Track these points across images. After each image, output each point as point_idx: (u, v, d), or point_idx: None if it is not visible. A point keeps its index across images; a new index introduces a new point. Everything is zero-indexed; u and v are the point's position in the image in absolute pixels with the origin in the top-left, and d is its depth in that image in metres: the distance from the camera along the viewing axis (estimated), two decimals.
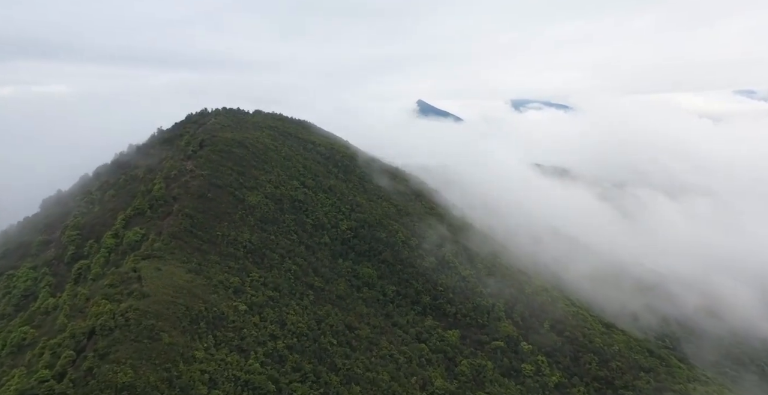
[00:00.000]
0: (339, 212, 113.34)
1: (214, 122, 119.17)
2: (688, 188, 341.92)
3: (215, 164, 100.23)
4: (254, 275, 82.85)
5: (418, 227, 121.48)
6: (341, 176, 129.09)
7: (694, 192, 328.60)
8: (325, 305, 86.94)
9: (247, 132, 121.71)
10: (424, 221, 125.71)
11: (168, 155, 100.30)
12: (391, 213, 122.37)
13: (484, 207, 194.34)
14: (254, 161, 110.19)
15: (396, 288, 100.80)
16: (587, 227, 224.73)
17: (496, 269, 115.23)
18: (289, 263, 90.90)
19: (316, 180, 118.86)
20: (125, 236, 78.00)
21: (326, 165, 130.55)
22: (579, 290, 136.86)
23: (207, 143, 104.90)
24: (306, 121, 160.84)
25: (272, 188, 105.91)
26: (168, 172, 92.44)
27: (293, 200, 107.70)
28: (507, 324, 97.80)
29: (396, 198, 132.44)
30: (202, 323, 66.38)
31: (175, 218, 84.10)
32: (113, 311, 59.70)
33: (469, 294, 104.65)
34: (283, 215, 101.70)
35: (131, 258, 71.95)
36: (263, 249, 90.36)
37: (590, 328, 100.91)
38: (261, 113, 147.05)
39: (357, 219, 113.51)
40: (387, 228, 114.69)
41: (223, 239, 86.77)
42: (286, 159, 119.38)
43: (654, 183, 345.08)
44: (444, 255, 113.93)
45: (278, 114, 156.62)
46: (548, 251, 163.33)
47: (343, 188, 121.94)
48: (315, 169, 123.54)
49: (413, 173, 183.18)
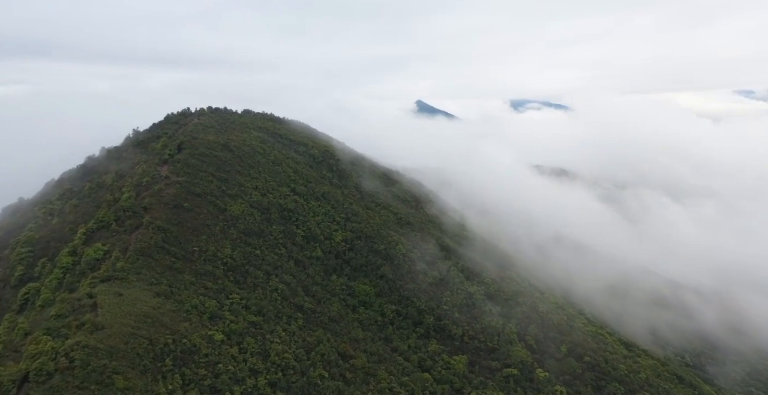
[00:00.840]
0: (333, 222, 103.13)
1: (197, 123, 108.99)
2: (690, 188, 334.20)
3: (194, 170, 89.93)
4: (235, 297, 72.52)
5: (420, 238, 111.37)
6: (336, 181, 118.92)
7: (696, 193, 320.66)
8: (316, 329, 76.68)
9: (232, 134, 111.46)
10: (426, 231, 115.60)
11: (141, 159, 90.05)
12: (390, 222, 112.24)
13: (485, 212, 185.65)
14: (239, 166, 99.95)
15: (396, 308, 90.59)
16: (592, 231, 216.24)
17: (505, 284, 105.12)
18: (275, 281, 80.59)
19: (308, 186, 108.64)
20: (85, 253, 67.64)
21: (320, 170, 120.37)
22: (592, 304, 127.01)
23: (186, 146, 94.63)
24: (299, 121, 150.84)
25: (259, 195, 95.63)
26: (139, 179, 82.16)
27: (282, 209, 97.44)
28: (520, 347, 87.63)
29: (395, 206, 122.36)
30: (167, 359, 56.02)
31: (144, 232, 73.75)
32: (55, 350, 49.27)
33: (477, 313, 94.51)
34: (270, 227, 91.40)
35: (87, 281, 61.59)
36: (246, 266, 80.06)
37: (612, 351, 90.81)
38: (250, 113, 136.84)
39: (353, 230, 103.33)
40: (386, 239, 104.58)
41: (200, 256, 76.45)
42: (275, 163, 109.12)
43: (655, 184, 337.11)
44: (448, 269, 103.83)
45: (269, 114, 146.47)
46: (556, 261, 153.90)
47: (337, 195, 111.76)
48: (307, 174, 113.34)
49: (413, 177, 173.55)
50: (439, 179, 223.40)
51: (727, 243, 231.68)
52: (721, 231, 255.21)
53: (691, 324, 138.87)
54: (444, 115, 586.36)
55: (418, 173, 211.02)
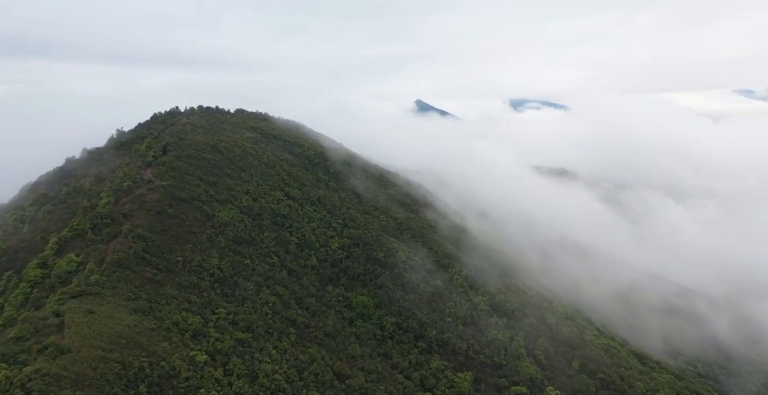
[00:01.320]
0: (329, 228, 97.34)
1: (185, 123, 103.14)
2: (691, 189, 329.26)
3: (180, 173, 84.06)
4: (221, 311, 66.70)
5: (421, 244, 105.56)
6: (333, 184, 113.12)
7: (698, 194, 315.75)
8: (310, 346, 70.87)
9: (223, 134, 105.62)
10: (427, 237, 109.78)
11: (123, 161, 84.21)
12: (389, 228, 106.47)
13: (485, 214, 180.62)
14: (229, 169, 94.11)
15: (396, 320, 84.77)
16: (595, 233, 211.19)
17: (510, 293, 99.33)
18: (266, 293, 74.75)
19: (303, 190, 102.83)
20: (56, 265, 61.81)
21: (315, 172, 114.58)
22: (600, 312, 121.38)
23: (172, 148, 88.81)
24: (294, 121, 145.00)
25: (250, 200, 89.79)
26: (120, 183, 76.29)
27: (275, 214, 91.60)
28: (528, 363, 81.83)
29: (395, 210, 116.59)
30: (142, 385, 50.24)
31: (123, 242, 67.90)
32: (10, 379, 43.46)
33: (482, 326, 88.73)
34: (261, 234, 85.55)
35: (55, 297, 55.74)
36: (235, 277, 74.20)
37: (627, 367, 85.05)
38: (243, 113, 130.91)
39: (350, 236, 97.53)
40: (385, 246, 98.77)
41: (184, 267, 70.58)
42: (268, 166, 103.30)
43: (655, 184, 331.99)
44: (451, 278, 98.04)
45: (263, 114, 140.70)
46: (561, 266, 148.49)
47: (334, 199, 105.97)
48: (302, 177, 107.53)
49: (412, 179, 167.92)
50: (439, 180, 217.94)
51: (732, 246, 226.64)
52: (725, 233, 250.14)
53: (702, 332, 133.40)
54: (443, 114, 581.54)
55: (417, 174, 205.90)
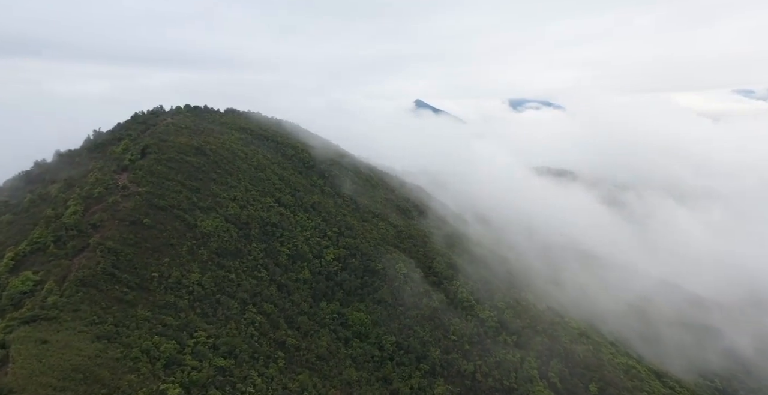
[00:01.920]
0: (324, 237, 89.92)
1: (169, 124, 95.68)
2: (693, 189, 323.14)
3: (160, 178, 76.55)
4: (200, 335, 59.17)
5: (423, 254, 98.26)
6: (328, 189, 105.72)
7: (699, 195, 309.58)
8: (301, 372, 63.48)
9: (210, 136, 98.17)
10: (429, 246, 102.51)
11: (96, 165, 76.70)
12: (389, 236, 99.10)
13: (488, 218, 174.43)
14: (215, 173, 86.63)
15: (396, 339, 77.43)
16: (601, 238, 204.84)
17: (520, 307, 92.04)
18: (252, 312, 67.28)
19: (295, 196, 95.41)
20: (9, 284, 54.28)
21: (310, 177, 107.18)
22: (612, 324, 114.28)
23: (152, 150, 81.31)
24: (288, 121, 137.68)
25: (237, 208, 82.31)
26: (90, 189, 68.76)
27: (264, 223, 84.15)
28: (542, 386, 74.54)
29: (394, 216, 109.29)
30: None
31: (90, 256, 60.40)
32: None
33: (490, 344, 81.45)
34: (249, 245, 78.07)
35: (2, 324, 48.20)
36: (217, 294, 66.73)
37: (650, 391, 77.73)
38: (234, 113, 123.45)
39: (347, 246, 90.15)
40: (384, 257, 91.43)
41: (160, 283, 63.07)
42: (258, 170, 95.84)
43: (656, 184, 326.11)
44: (456, 291, 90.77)
45: (256, 113, 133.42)
46: (569, 275, 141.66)
47: (329, 206, 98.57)
48: (295, 182, 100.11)
49: (412, 182, 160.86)
50: (438, 182, 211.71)
51: (739, 249, 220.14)
52: (731, 236, 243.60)
53: (718, 344, 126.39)
54: (443, 114, 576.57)
55: (417, 176, 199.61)
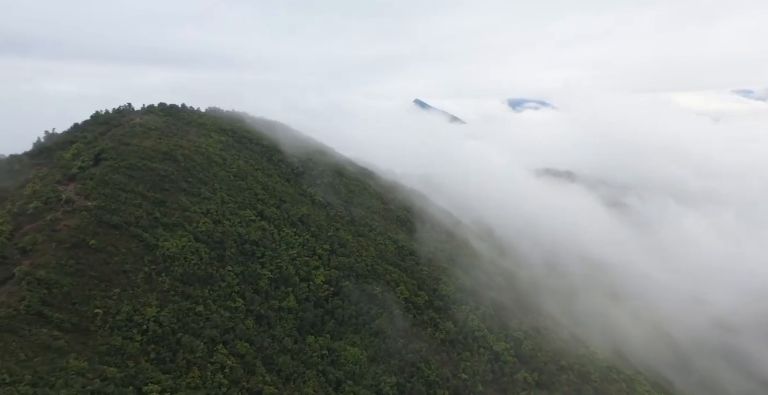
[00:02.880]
0: (313, 256, 77.67)
1: (136, 124, 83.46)
2: (694, 190, 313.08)
3: (115, 189, 64.31)
4: (152, 389, 46.89)
5: (427, 274, 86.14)
6: (320, 199, 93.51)
7: (705, 197, 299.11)
8: None
9: (184, 138, 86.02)
10: (434, 264, 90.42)
11: (37, 174, 64.46)
12: (388, 253, 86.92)
13: (494, 229, 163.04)
14: (186, 183, 74.37)
15: (397, 380, 65.24)
16: (607, 245, 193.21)
17: (540, 336, 79.93)
18: (222, 354, 54.93)
19: (281, 208, 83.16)
20: None
21: (299, 185, 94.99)
22: (640, 353, 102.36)
23: (108, 155, 69.10)
24: (279, 123, 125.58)
25: (210, 223, 70.04)
26: (24, 203, 56.59)
27: (243, 240, 71.89)
28: None
29: (395, 230, 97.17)
30: None
31: (12, 291, 48.10)
32: None
33: (507, 384, 69.40)
34: (222, 269, 65.81)
35: None
36: (179, 333, 54.41)
37: None
38: (216, 112, 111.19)
39: (340, 266, 77.93)
40: (383, 278, 79.30)
41: (105, 322, 50.76)
42: (238, 177, 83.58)
43: (658, 186, 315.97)
44: (466, 318, 78.62)
45: (241, 113, 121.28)
46: (582, 290, 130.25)
47: (320, 219, 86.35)
48: (281, 191, 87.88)
49: (414, 187, 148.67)
50: (437, 186, 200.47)
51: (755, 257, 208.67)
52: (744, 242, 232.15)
53: (754, 371, 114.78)
54: (442, 114, 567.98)
55: (416, 180, 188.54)
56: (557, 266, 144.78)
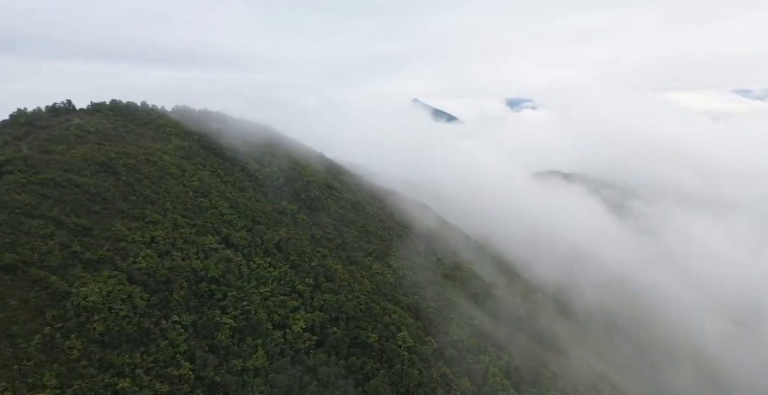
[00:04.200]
0: (292, 294, 61.04)
1: (71, 126, 66.75)
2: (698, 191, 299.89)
3: (15, 214, 47.59)
4: None
5: (434, 312, 69.58)
6: (303, 218, 76.86)
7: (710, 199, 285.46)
8: None
9: (134, 144, 69.40)
10: (444, 298, 73.83)
11: None
12: (386, 288, 70.28)
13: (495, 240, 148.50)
14: (125, 202, 57.66)
15: None
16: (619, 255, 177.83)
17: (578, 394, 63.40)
18: None
19: (253, 231, 66.47)
20: None
21: (279, 200, 78.31)
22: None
23: (15, 168, 52.42)
24: (260, 124, 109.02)
25: (153, 257, 53.28)
26: None
27: (198, 278, 55.16)
28: None
29: (395, 254, 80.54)
30: None
31: None
32: None
33: None
34: (165, 320, 48.98)
35: None
36: None
37: None
38: (183, 112, 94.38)
39: (326, 306, 61.31)
40: (380, 321, 62.70)
41: None
42: (199, 193, 66.87)
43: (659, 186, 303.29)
44: (486, 371, 62.05)
45: (216, 113, 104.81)
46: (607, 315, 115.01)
47: (303, 243, 69.63)
48: (255, 209, 71.16)
49: (416, 199, 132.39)
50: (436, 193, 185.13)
51: None
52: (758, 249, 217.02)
53: None
54: (440, 114, 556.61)
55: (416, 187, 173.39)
56: (572, 287, 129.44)
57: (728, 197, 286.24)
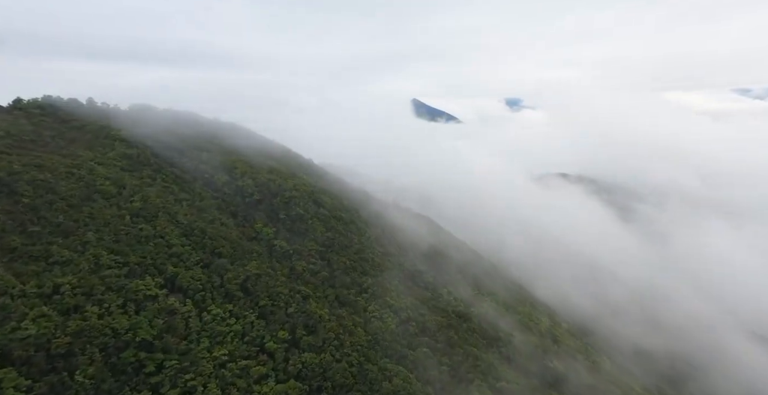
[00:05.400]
0: (258, 357, 44.97)
1: None
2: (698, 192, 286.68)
3: None
4: None
5: (452, 370, 53.55)
6: (282, 246, 60.74)
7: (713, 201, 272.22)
8: None
9: (56, 153, 53.47)
10: (458, 348, 57.73)
11: None
12: (385, 339, 54.15)
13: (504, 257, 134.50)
14: (24, 235, 41.59)
15: None
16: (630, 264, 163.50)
17: None
18: None
19: (211, 268, 50.31)
20: None
21: (248, 223, 62.20)
22: None
23: None
24: (235, 124, 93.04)
25: (53, 317, 37.14)
26: None
27: (121, 344, 39.05)
28: None
29: (397, 289, 64.42)
30: None
31: None
32: None
33: None
34: None
35: None
36: None
37: None
38: (141, 110, 78.43)
39: (305, 372, 45.27)
40: (378, 389, 46.70)
41: None
42: (141, 218, 50.72)
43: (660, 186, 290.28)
44: None
45: (184, 113, 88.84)
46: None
47: (278, 283, 53.51)
48: (216, 236, 54.99)
49: (420, 213, 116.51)
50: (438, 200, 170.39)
51: None
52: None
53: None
54: (440, 114, 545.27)
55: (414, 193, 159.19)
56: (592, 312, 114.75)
57: (732, 199, 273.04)
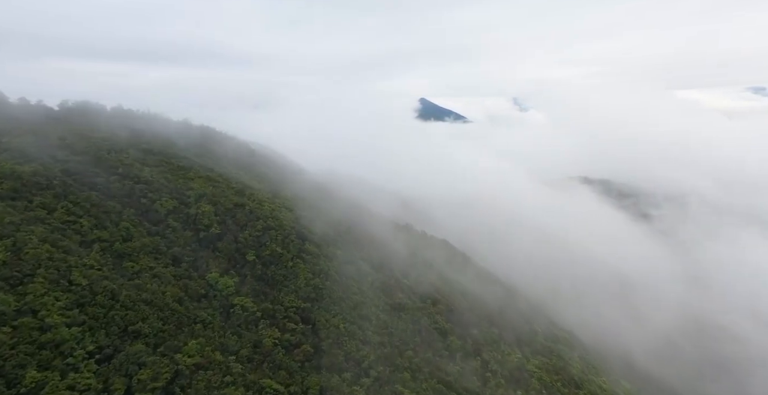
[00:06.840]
0: None
1: None
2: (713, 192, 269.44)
3: None
4: None
5: None
6: (245, 306, 41.83)
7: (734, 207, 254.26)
8: None
9: None
10: None
11: None
12: None
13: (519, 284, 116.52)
14: None
15: None
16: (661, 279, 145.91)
17: None
18: None
19: (114, 363, 31.61)
20: None
21: (198, 270, 43.41)
22: None
23: None
24: (212, 128, 74.41)
25: None
26: None
27: None
28: None
29: (417, 365, 45.33)
30: None
31: None
32: None
33: None
34: None
35: None
36: None
37: None
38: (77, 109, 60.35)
39: None
40: None
41: None
42: (61, 265, 32.09)
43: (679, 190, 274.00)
44: None
45: (150, 114, 70.31)
46: None
47: (227, 380, 34.65)
48: (137, 299, 36.17)
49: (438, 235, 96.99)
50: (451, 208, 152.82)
51: None
52: None
53: None
54: (448, 114, 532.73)
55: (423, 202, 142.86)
56: None
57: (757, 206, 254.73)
